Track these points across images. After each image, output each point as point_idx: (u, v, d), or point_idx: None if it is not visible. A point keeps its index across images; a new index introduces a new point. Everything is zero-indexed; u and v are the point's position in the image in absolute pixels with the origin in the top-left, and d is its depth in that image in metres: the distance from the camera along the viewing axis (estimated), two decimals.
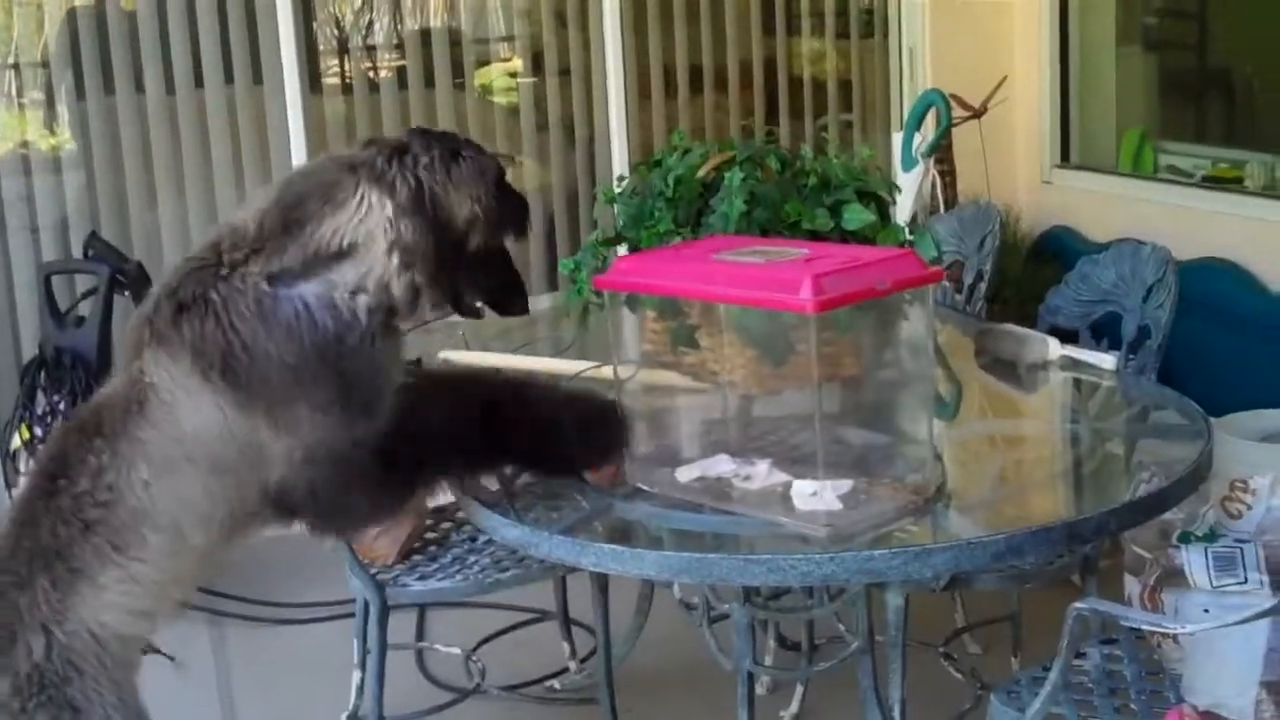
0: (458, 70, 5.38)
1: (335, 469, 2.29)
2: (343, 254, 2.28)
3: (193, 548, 2.31)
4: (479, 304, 2.50)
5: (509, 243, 2.44)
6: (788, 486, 2.34)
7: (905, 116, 4.97)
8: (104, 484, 2.24)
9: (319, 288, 2.28)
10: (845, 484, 2.30)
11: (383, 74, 5.37)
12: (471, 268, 2.40)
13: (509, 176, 2.43)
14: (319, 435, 2.26)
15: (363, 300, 2.29)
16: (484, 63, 5.59)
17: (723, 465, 2.45)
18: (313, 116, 5.10)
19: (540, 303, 5.17)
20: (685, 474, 2.44)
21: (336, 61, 5.28)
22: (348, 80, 5.34)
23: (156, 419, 2.26)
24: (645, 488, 2.48)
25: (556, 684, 3.79)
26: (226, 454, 2.27)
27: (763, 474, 2.39)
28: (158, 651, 3.11)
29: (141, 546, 2.25)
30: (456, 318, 2.50)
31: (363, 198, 2.29)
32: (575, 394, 2.73)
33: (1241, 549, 2.35)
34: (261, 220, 2.30)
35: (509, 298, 2.51)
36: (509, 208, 2.41)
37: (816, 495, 2.28)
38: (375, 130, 5.23)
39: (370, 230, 2.29)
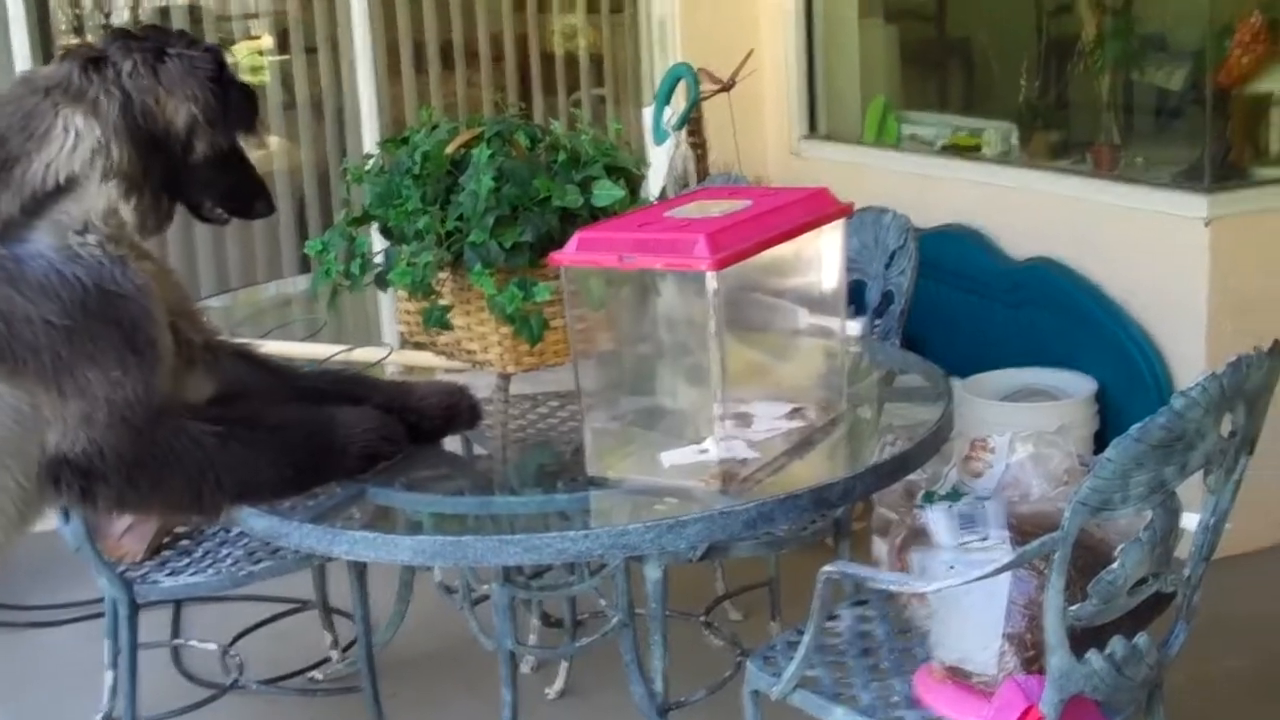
0: None
1: (137, 427, 2.15)
2: (61, 190, 2.14)
3: None
4: (219, 210, 2.37)
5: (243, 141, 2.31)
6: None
7: (656, 90, 5.00)
8: None
9: (52, 237, 2.14)
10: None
11: None
12: (203, 173, 2.26)
13: (230, 67, 2.27)
14: (113, 391, 2.13)
15: (92, 239, 2.16)
16: (229, 41, 5.43)
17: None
18: None
19: (294, 285, 5.07)
20: (672, 458, 2.34)
21: (73, 40, 5.06)
22: None
23: None
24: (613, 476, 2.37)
25: (318, 674, 3.73)
26: (8, 435, 2.13)
27: (741, 448, 2.35)
28: None
29: None
30: None
31: (66, 125, 2.14)
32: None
33: (983, 506, 2.42)
34: None
35: (249, 200, 2.39)
36: (233, 102, 2.26)
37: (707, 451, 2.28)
38: None
39: (82, 159, 2.15)
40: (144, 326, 2.18)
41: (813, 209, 2.46)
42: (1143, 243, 4.15)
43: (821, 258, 2.53)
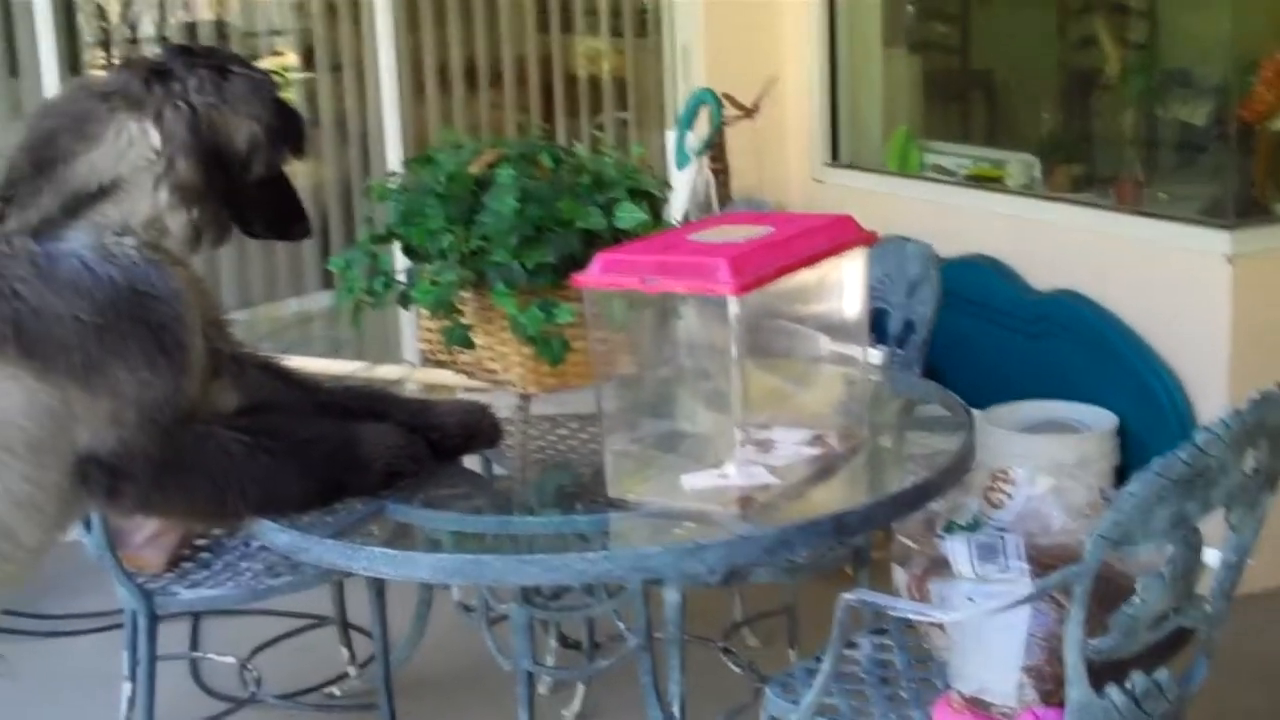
0: None
1: (165, 429, 2.15)
2: (104, 193, 2.15)
3: (27, 549, 2.17)
4: (262, 230, 2.39)
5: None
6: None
7: (679, 115, 5.02)
8: None
9: (88, 237, 2.14)
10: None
11: None
12: (253, 192, 2.27)
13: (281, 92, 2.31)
14: (143, 392, 2.13)
15: (130, 241, 2.16)
16: (255, 57, 5.45)
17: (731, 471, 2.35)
18: None
19: (316, 301, 5.08)
20: (692, 481, 2.33)
21: (100, 54, 5.09)
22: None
23: None
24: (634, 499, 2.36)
25: (336, 690, 3.73)
26: (40, 433, 2.12)
27: (762, 474, 2.35)
28: None
29: None
30: None
31: (121, 129, 2.15)
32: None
33: (1003, 538, 2.41)
34: (9, 167, 2.15)
35: (289, 223, 2.40)
36: (287, 125, 2.29)
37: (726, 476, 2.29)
38: None
39: (133, 165, 2.15)
40: (175, 329, 2.18)
41: (836, 236, 2.46)
42: (1165, 277, 4.14)
43: (844, 285, 2.53)
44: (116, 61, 5.10)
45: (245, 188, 2.26)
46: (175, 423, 2.17)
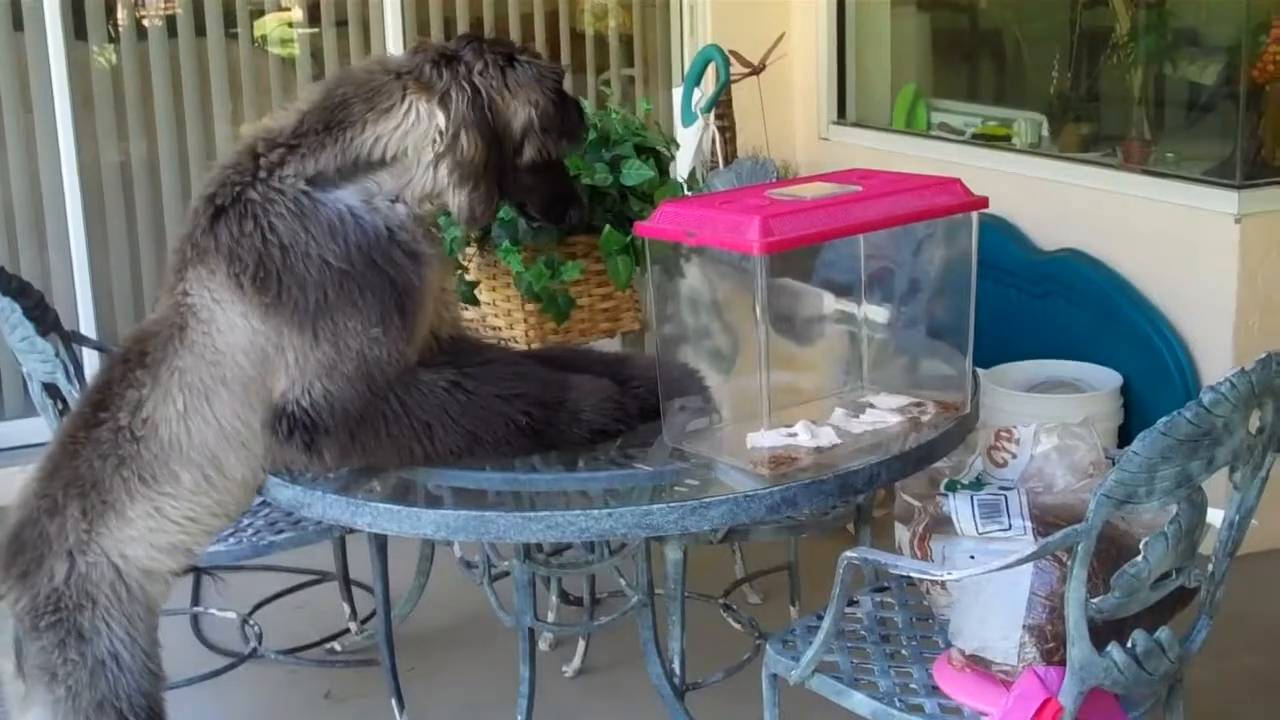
0: (230, 20, 5.22)
1: (377, 387, 2.20)
2: (383, 163, 2.23)
3: (233, 480, 2.28)
4: (535, 212, 2.44)
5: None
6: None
7: (686, 72, 4.99)
8: (140, 418, 2.23)
9: (358, 194, 2.23)
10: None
11: (154, 22, 5.18)
12: (526, 177, 2.33)
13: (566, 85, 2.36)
14: (368, 347, 2.18)
15: (401, 209, 2.24)
16: (260, 12, 5.43)
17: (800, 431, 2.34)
18: (76, 65, 4.92)
19: None
20: (759, 440, 2.29)
21: (103, 8, 5.06)
22: (116, 28, 5.13)
23: (193, 342, 2.22)
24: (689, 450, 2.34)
25: (337, 646, 3.74)
26: (253, 372, 2.21)
27: (829, 435, 2.34)
28: None
29: (172, 481, 2.24)
30: None
31: (410, 106, 2.23)
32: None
33: (1006, 496, 2.41)
34: (301, 118, 2.24)
35: (564, 208, 2.43)
36: (567, 115, 2.33)
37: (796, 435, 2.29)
38: (143, 79, 5.06)
39: (416, 141, 2.23)
40: (414, 293, 2.24)
41: (931, 199, 2.41)
42: (1172, 237, 4.13)
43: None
44: (137, 18, 5.10)
45: (521, 172, 2.31)
46: (386, 383, 2.21)
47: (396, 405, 2.23)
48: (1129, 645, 2.18)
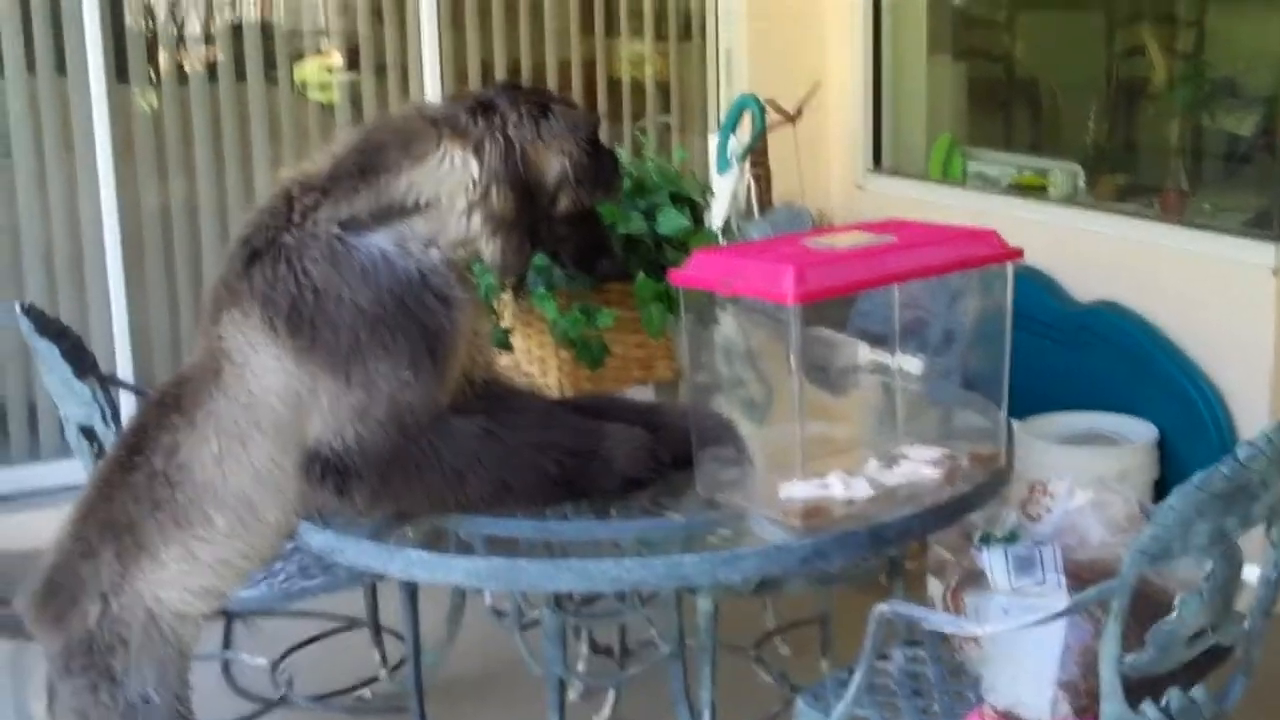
0: (271, 64, 5.28)
1: (408, 432, 2.19)
2: (417, 208, 2.23)
3: (266, 523, 2.27)
4: (567, 262, 2.45)
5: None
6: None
7: (721, 120, 5.01)
8: (175, 462, 2.23)
9: (391, 238, 2.23)
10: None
11: (196, 67, 5.24)
12: (560, 227, 2.33)
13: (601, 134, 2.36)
14: (399, 391, 2.18)
15: (435, 254, 2.24)
16: (299, 57, 5.48)
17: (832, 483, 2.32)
18: (118, 108, 4.97)
19: None
20: (792, 490, 2.26)
21: (145, 52, 5.12)
22: (157, 72, 5.19)
23: (228, 385, 2.23)
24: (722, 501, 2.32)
25: (367, 693, 3.73)
26: (288, 415, 2.21)
27: (863, 487, 2.32)
28: None
29: (205, 524, 2.24)
30: None
31: (445, 154, 2.23)
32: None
33: (1040, 551, 2.39)
34: (336, 163, 2.25)
35: (595, 259, 2.44)
36: (601, 165, 2.34)
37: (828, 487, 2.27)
38: (183, 123, 5.11)
39: (450, 189, 2.24)
40: (446, 338, 2.23)
41: (966, 250, 2.41)
42: (1208, 289, 4.11)
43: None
44: (178, 63, 5.15)
45: (554, 222, 2.32)
46: (418, 428, 2.20)
47: (428, 451, 2.22)
48: (1163, 703, 2.15)
